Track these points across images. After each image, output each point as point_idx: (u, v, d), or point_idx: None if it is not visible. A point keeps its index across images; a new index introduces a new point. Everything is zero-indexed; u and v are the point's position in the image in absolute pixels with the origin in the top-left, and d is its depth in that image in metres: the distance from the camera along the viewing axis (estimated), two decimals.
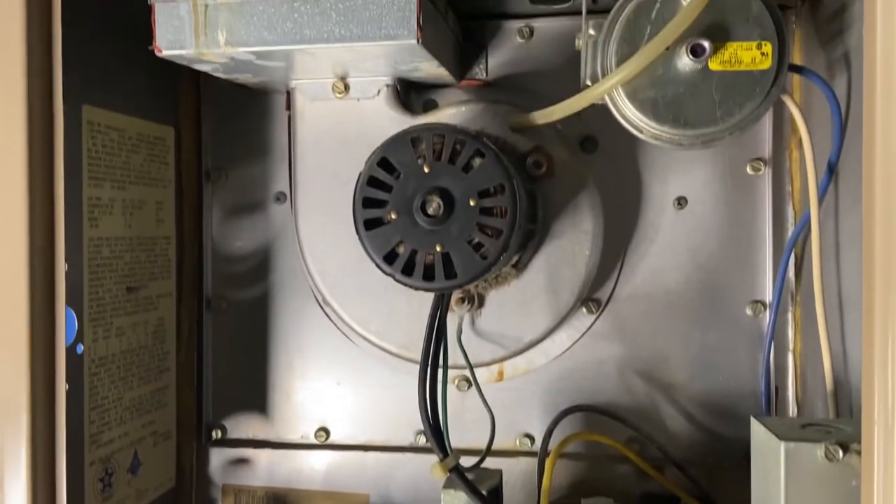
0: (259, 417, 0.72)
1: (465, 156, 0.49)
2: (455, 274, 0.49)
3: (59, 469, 0.51)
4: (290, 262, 0.71)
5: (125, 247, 0.62)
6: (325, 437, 0.71)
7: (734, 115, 0.48)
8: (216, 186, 0.72)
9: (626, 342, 0.66)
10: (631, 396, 0.66)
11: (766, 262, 0.64)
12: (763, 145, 0.64)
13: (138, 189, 0.64)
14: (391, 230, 0.49)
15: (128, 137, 0.63)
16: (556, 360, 0.67)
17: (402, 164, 0.49)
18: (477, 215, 0.48)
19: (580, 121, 0.65)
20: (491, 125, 0.62)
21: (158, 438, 0.68)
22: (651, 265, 0.66)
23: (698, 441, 0.65)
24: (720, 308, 0.65)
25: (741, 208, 0.64)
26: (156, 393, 0.67)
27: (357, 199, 0.50)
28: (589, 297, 0.66)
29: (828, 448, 0.42)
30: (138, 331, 0.64)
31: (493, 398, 0.66)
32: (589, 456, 0.66)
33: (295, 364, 0.72)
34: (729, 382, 0.65)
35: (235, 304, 0.72)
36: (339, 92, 0.62)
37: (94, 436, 0.58)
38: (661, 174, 0.65)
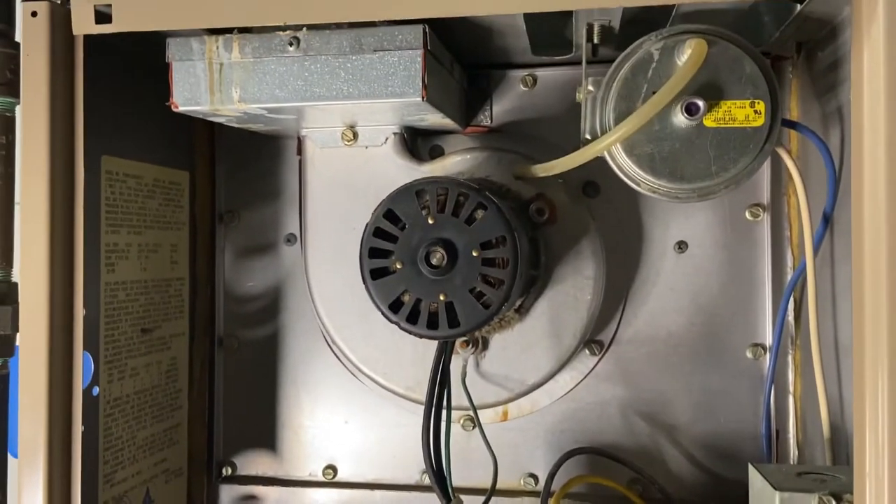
0: (268, 455, 0.74)
1: (467, 208, 0.50)
2: (458, 322, 0.50)
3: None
4: (299, 302, 0.73)
5: (140, 289, 0.64)
6: (333, 475, 0.72)
7: (729, 169, 0.49)
8: (229, 228, 0.75)
9: (628, 384, 0.67)
10: (633, 438, 0.67)
11: (766, 305, 0.65)
12: (762, 192, 0.65)
13: (153, 233, 0.66)
14: (396, 280, 0.51)
15: (144, 184, 0.65)
16: (559, 400, 0.68)
17: (407, 216, 0.51)
18: (479, 266, 0.50)
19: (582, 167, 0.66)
20: (495, 172, 0.64)
21: (170, 476, 0.69)
22: (652, 308, 0.67)
23: (700, 483, 0.66)
24: (721, 351, 0.66)
25: (741, 253, 0.66)
26: (168, 431, 0.69)
27: (364, 249, 0.51)
28: (592, 339, 0.67)
29: (821, 499, 0.43)
30: (152, 371, 0.66)
31: (497, 438, 0.68)
32: (592, 496, 0.67)
33: (304, 402, 0.73)
34: (730, 425, 0.65)
35: (246, 343, 0.74)
36: (347, 140, 0.65)
37: (107, 475, 0.60)
38: (662, 219, 0.67)
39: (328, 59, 0.51)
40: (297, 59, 0.52)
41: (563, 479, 0.62)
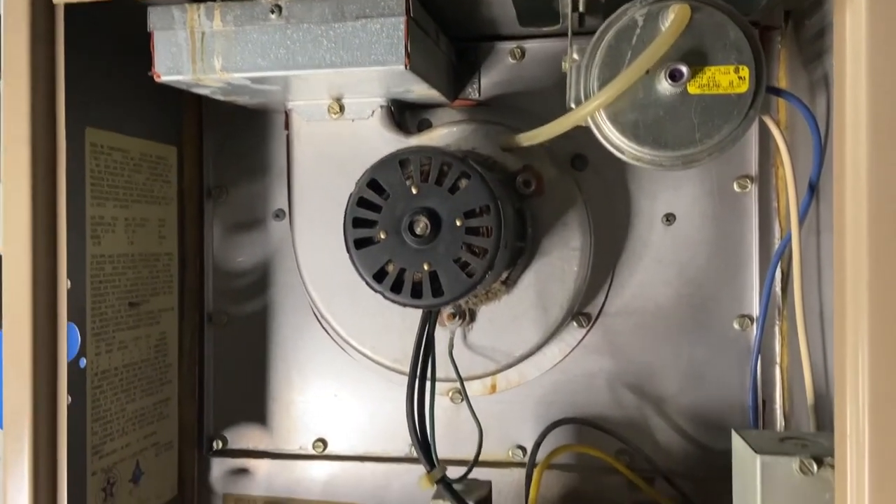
0: (259, 429, 0.74)
1: (451, 177, 0.50)
2: (442, 291, 0.50)
3: (60, 478, 0.53)
4: (288, 277, 0.73)
5: (128, 263, 0.64)
6: (323, 448, 0.72)
7: (713, 136, 0.49)
8: (217, 204, 0.74)
9: (616, 356, 0.67)
10: (621, 409, 0.67)
11: (753, 277, 0.65)
12: (749, 163, 0.65)
13: (141, 207, 0.66)
14: (380, 249, 0.51)
15: (130, 157, 0.65)
16: (547, 373, 0.68)
17: (390, 186, 0.51)
18: (463, 235, 0.50)
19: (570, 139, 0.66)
20: (482, 144, 0.63)
21: (160, 449, 0.69)
22: (640, 280, 0.67)
23: (687, 453, 0.66)
24: (708, 322, 0.66)
25: (728, 225, 0.65)
26: (158, 405, 0.69)
27: (347, 219, 0.51)
28: (579, 312, 0.67)
29: (802, 462, 0.43)
30: (140, 345, 0.66)
31: (486, 410, 0.68)
32: (579, 468, 0.67)
33: (293, 377, 0.73)
34: (717, 395, 0.66)
35: (236, 318, 0.74)
36: (334, 113, 0.64)
37: (96, 447, 0.60)
38: (650, 191, 0.67)
39: (310, 27, 0.51)
40: (280, 28, 0.51)
41: (550, 450, 0.62)
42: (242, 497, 0.74)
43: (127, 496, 0.64)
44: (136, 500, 0.65)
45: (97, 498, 0.60)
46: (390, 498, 0.71)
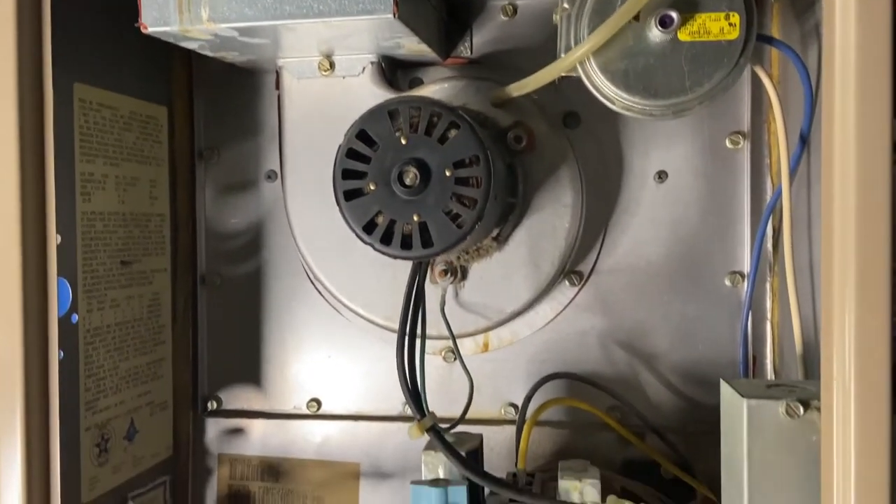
0: (253, 389, 0.74)
1: (440, 127, 0.50)
2: (432, 242, 0.50)
3: (53, 432, 0.53)
4: (281, 238, 0.73)
5: (119, 222, 0.64)
6: (317, 408, 0.73)
7: (703, 84, 0.49)
8: (209, 165, 0.74)
9: (608, 314, 0.68)
10: (613, 366, 0.68)
11: (745, 233, 0.65)
12: (742, 119, 0.65)
13: (131, 166, 0.66)
14: (370, 201, 0.51)
15: (120, 115, 0.64)
16: (539, 331, 0.68)
17: (379, 137, 0.51)
18: (452, 185, 0.50)
19: (562, 97, 0.66)
20: (473, 101, 0.63)
21: (155, 408, 0.70)
22: (632, 238, 0.67)
23: (678, 409, 0.67)
24: (700, 279, 0.66)
25: (721, 181, 0.65)
26: (152, 364, 0.69)
27: (337, 170, 0.51)
28: (572, 270, 0.67)
29: (789, 405, 0.43)
30: (133, 304, 0.66)
31: (478, 368, 0.68)
32: (571, 424, 0.68)
33: (287, 338, 0.74)
34: (708, 352, 0.66)
35: (229, 280, 0.74)
36: (324, 70, 0.64)
37: (89, 402, 0.60)
38: (642, 149, 0.67)
39: None
40: None
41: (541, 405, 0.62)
42: (237, 457, 0.74)
43: (122, 453, 0.65)
44: (130, 457, 0.66)
45: (91, 453, 0.60)
46: (384, 456, 0.72)
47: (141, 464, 0.67)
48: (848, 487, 0.41)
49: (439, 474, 0.53)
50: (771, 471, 0.44)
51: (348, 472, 0.72)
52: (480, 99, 0.63)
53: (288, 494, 0.73)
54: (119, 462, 0.64)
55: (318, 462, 0.73)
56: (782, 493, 0.44)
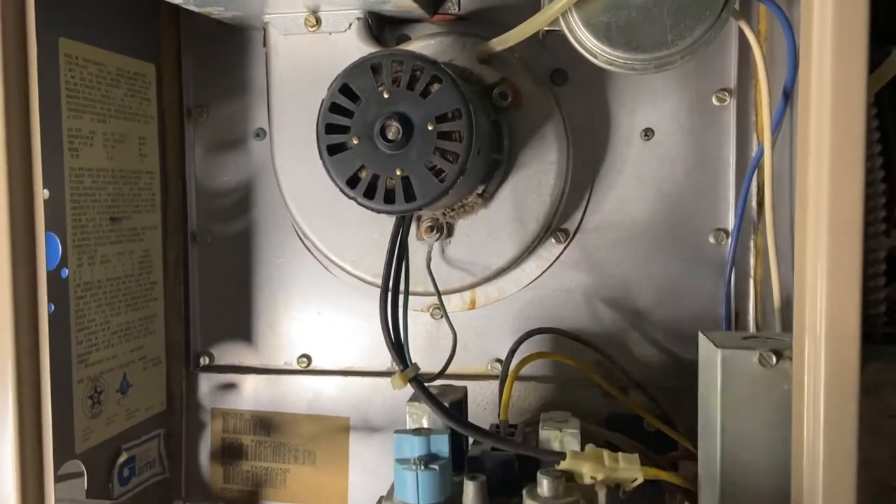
0: (245, 346, 0.75)
1: (423, 81, 0.50)
2: (415, 197, 0.51)
3: (44, 383, 0.54)
4: (271, 197, 0.73)
5: (108, 178, 0.65)
6: (308, 364, 0.74)
7: (685, 38, 0.49)
8: (198, 123, 0.74)
9: (593, 271, 0.68)
10: (598, 323, 0.69)
11: (730, 191, 0.65)
12: (729, 76, 0.65)
13: (119, 123, 0.66)
14: (353, 155, 0.51)
15: (107, 71, 0.64)
16: (526, 288, 0.69)
17: (362, 91, 0.51)
18: (435, 140, 0.50)
19: (549, 54, 0.66)
20: (459, 57, 0.63)
21: (148, 364, 0.71)
22: (618, 196, 0.67)
23: (662, 364, 0.68)
24: (685, 237, 0.67)
25: (707, 139, 0.66)
26: (144, 320, 0.70)
27: (320, 125, 0.51)
28: (558, 228, 0.68)
29: (762, 355, 0.44)
30: (124, 260, 0.67)
31: (465, 325, 0.69)
32: (556, 379, 0.69)
33: (278, 295, 0.74)
34: (692, 308, 0.67)
35: (220, 238, 0.75)
36: (310, 26, 0.64)
37: (81, 355, 0.61)
38: (629, 106, 0.67)
39: None
40: None
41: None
42: (230, 411, 0.76)
43: (115, 405, 0.66)
44: (124, 409, 0.67)
45: (84, 405, 0.62)
46: (373, 411, 0.73)
47: (134, 416, 0.69)
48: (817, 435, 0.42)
49: (423, 425, 0.54)
50: (744, 419, 0.45)
51: (338, 426, 0.73)
52: (467, 55, 0.63)
53: (280, 447, 0.75)
54: (112, 414, 0.66)
55: (309, 416, 0.74)
56: (755, 441, 0.45)
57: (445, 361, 0.57)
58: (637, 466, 0.50)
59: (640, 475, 0.50)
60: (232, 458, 0.75)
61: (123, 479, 0.67)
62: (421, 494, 0.48)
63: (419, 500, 0.48)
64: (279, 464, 0.74)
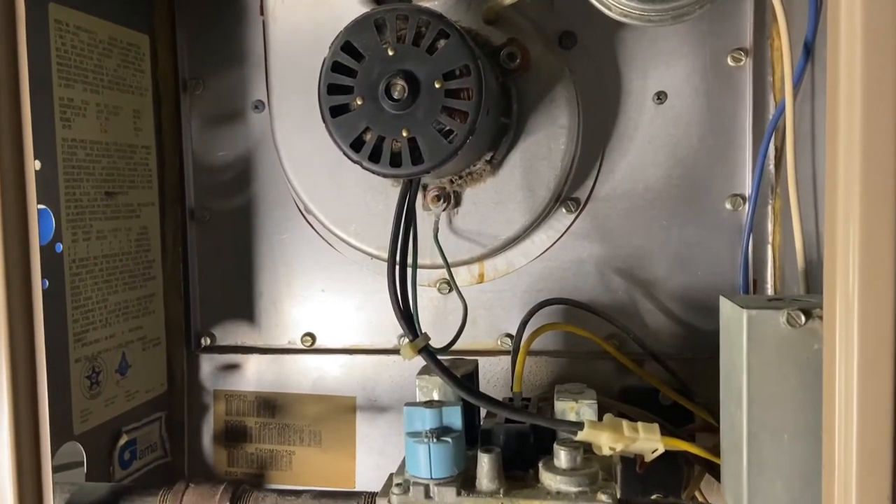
0: (247, 325, 0.73)
1: (429, 37, 0.48)
2: (422, 159, 0.48)
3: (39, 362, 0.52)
4: (271, 171, 0.71)
5: (102, 151, 0.62)
6: (312, 343, 0.72)
7: None
8: (194, 96, 0.72)
9: (605, 241, 0.66)
10: (611, 294, 0.67)
11: (746, 155, 0.63)
12: (745, 35, 0.62)
13: (113, 94, 0.64)
14: (357, 116, 0.49)
15: (99, 40, 0.62)
16: (536, 260, 0.67)
17: (366, 48, 0.49)
18: (442, 98, 0.48)
19: (559, 16, 0.64)
20: (465, 18, 0.60)
21: (147, 344, 0.69)
22: (630, 162, 0.65)
23: (677, 335, 0.66)
24: (700, 203, 0.64)
25: (722, 101, 0.63)
26: (142, 300, 0.68)
27: (322, 85, 0.49)
28: (568, 197, 0.65)
29: (790, 314, 0.42)
30: (120, 237, 0.65)
31: (475, 299, 0.67)
32: (569, 353, 0.67)
33: (280, 272, 0.72)
34: (708, 277, 0.65)
35: (219, 214, 0.73)
36: None
37: (78, 334, 0.59)
38: (641, 69, 0.64)
39: None
40: None
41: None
42: (233, 393, 0.74)
43: (114, 386, 0.64)
44: (123, 391, 0.65)
45: (82, 385, 0.60)
46: (380, 389, 0.71)
47: (135, 398, 0.67)
48: (850, 397, 0.40)
49: (434, 397, 0.52)
50: (772, 382, 0.43)
51: (344, 406, 0.71)
52: (472, 16, 0.60)
53: (285, 429, 0.73)
54: (112, 395, 0.64)
55: (314, 396, 0.72)
56: (783, 405, 0.43)
57: (456, 332, 0.55)
58: (657, 436, 0.48)
59: (660, 445, 0.48)
60: (236, 441, 0.73)
61: (124, 462, 0.65)
62: (434, 468, 0.46)
63: (431, 474, 0.46)
64: (284, 446, 0.72)
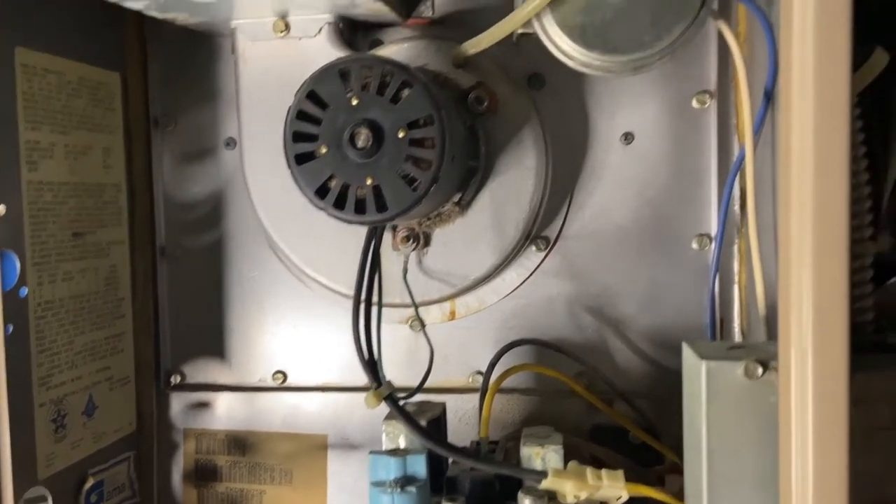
0: (218, 362, 0.73)
1: (393, 87, 0.48)
2: (386, 207, 0.49)
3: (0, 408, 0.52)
4: (242, 208, 0.71)
5: (69, 192, 0.62)
6: (283, 380, 0.72)
7: (663, 39, 0.47)
8: (165, 133, 0.72)
9: (575, 279, 0.67)
10: (581, 332, 0.67)
11: (712, 195, 0.64)
12: (709, 78, 0.63)
13: (82, 134, 0.64)
14: (322, 164, 0.49)
15: (67, 81, 0.62)
16: (507, 298, 0.67)
17: (330, 97, 0.49)
18: (406, 147, 0.48)
19: (527, 58, 0.64)
20: (434, 61, 0.61)
21: (115, 384, 0.68)
22: (599, 202, 0.66)
23: (647, 373, 0.66)
24: (667, 242, 0.65)
25: (687, 142, 0.64)
26: (111, 339, 0.68)
27: (287, 133, 0.49)
28: (538, 235, 0.66)
29: (748, 366, 0.43)
30: (88, 277, 0.64)
31: (446, 336, 0.68)
32: (540, 391, 0.67)
33: (251, 309, 0.72)
34: (676, 315, 0.65)
35: (190, 251, 0.73)
36: (279, 31, 0.62)
37: (43, 378, 0.59)
38: (609, 110, 0.65)
39: None
40: None
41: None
42: (203, 431, 0.73)
43: (80, 428, 0.63)
44: (90, 432, 0.65)
45: (47, 428, 0.59)
46: (352, 427, 0.71)
47: (102, 439, 0.66)
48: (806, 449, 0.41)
49: (400, 444, 0.52)
50: (730, 433, 0.43)
51: (316, 444, 0.71)
52: (441, 59, 0.61)
53: (255, 467, 0.72)
54: (78, 438, 0.63)
55: (285, 434, 0.72)
56: (742, 456, 0.43)
57: (422, 377, 0.55)
58: (621, 483, 0.48)
59: (624, 493, 0.48)
60: (206, 480, 0.73)
61: None
62: None
63: None
64: (255, 485, 0.72)
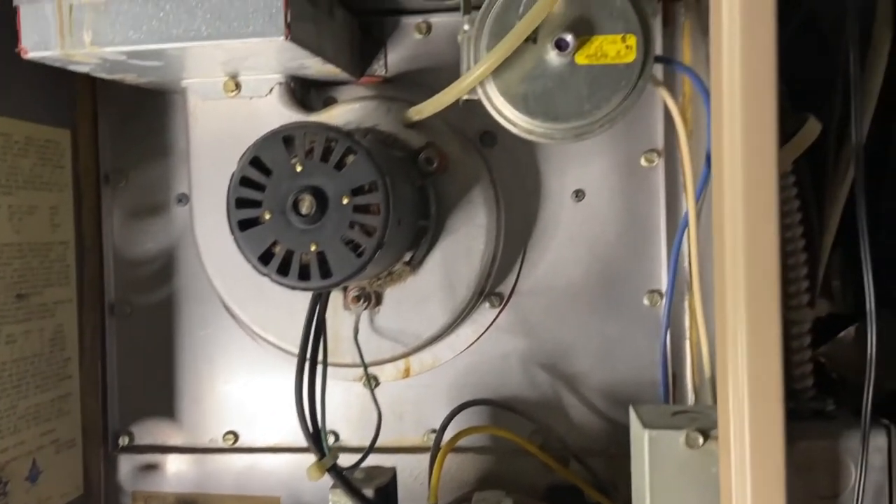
0: (167, 423, 0.71)
1: (337, 153, 0.48)
2: (331, 273, 0.48)
3: None
4: (193, 265, 0.70)
5: (14, 253, 0.61)
6: (234, 441, 0.70)
7: (602, 108, 0.48)
8: (116, 189, 0.71)
9: (529, 335, 0.67)
10: (535, 389, 0.67)
11: (662, 252, 0.65)
12: (656, 137, 0.64)
13: (27, 194, 0.63)
14: (265, 230, 0.49)
15: (14, 141, 0.61)
16: (461, 354, 0.67)
17: (274, 164, 0.49)
18: (350, 213, 0.48)
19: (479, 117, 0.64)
20: (385, 121, 0.61)
21: (61, 447, 0.66)
22: (552, 258, 0.66)
23: (601, 430, 0.66)
24: (619, 299, 0.65)
25: (637, 200, 0.65)
26: (56, 401, 0.66)
27: (230, 199, 0.49)
28: (492, 292, 0.66)
29: (689, 435, 0.43)
30: (32, 338, 0.63)
31: (401, 394, 0.67)
32: (495, 450, 0.67)
33: (202, 368, 0.71)
34: (629, 371, 0.65)
35: (140, 309, 0.71)
36: (230, 91, 0.62)
37: None
38: (560, 168, 0.66)
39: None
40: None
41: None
42: (152, 494, 0.71)
43: (23, 495, 0.61)
44: (34, 499, 0.63)
45: None
46: (305, 488, 0.69)
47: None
48: None
49: None
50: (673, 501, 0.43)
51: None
52: (392, 119, 0.61)
53: None
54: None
55: (237, 497, 0.70)
56: None
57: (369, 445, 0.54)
58: None
59: None
60: None
61: None
62: None
63: None
64: None
